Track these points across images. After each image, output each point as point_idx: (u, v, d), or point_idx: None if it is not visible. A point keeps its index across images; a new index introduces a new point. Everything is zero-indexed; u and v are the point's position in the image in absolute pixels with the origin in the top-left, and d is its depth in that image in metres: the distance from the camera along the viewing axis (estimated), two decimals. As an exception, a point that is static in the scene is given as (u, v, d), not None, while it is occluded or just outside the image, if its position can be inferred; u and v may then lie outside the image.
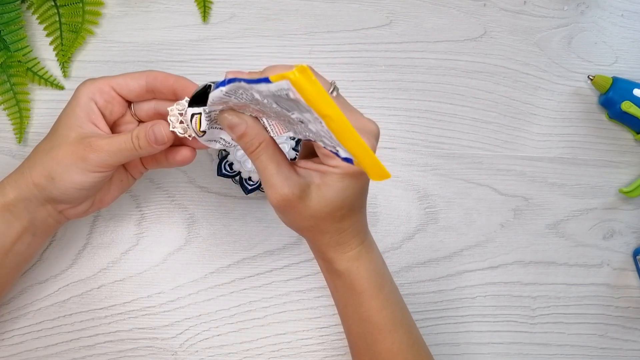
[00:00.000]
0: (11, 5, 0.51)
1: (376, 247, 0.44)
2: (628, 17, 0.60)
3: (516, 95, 0.58)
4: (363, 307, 0.43)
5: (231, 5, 0.55)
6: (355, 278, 0.42)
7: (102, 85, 0.43)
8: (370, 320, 0.43)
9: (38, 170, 0.41)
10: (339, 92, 0.40)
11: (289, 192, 0.37)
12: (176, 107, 0.41)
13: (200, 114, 0.39)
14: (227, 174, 0.50)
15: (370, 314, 0.43)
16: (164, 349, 0.51)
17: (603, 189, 0.58)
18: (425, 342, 0.46)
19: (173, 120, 0.41)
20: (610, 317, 0.56)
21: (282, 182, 0.37)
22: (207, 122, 0.39)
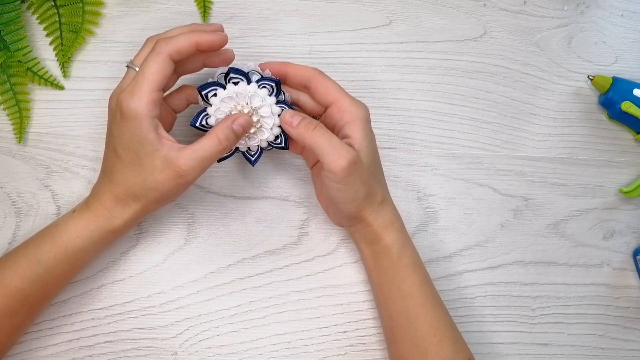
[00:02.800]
0: (11, 5, 0.51)
1: None
2: (628, 17, 0.60)
3: (516, 95, 0.58)
4: (407, 281, 0.46)
5: (231, 5, 0.55)
6: (401, 252, 0.46)
7: (152, 96, 0.42)
8: (413, 295, 0.46)
9: (144, 200, 0.44)
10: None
11: (354, 154, 0.43)
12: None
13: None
14: (225, 155, 0.47)
15: (413, 289, 0.46)
16: (164, 349, 0.51)
17: (603, 189, 0.58)
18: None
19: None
20: (610, 317, 0.56)
21: (346, 147, 0.43)
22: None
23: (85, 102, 0.53)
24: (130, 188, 0.44)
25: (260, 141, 0.48)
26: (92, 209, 0.45)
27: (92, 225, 0.44)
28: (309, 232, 0.54)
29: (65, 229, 0.44)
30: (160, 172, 0.43)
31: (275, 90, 0.47)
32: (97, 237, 0.44)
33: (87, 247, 0.44)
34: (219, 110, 0.46)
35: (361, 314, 0.53)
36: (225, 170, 0.54)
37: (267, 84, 0.46)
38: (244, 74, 0.46)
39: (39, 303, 0.45)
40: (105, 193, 0.45)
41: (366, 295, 0.53)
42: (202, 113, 0.47)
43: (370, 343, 0.53)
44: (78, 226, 0.44)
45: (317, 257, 0.54)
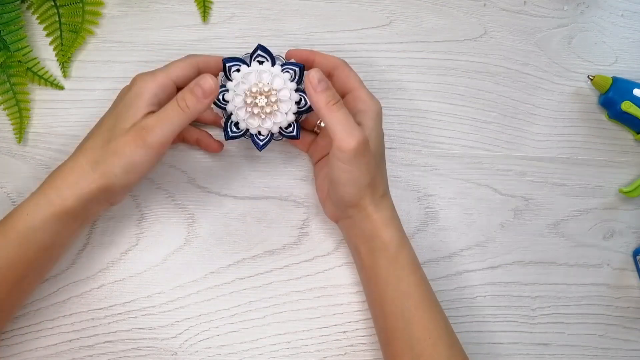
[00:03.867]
0: (11, 5, 0.51)
1: None
2: (628, 17, 0.60)
3: (516, 95, 0.58)
4: (404, 281, 0.45)
5: (231, 5, 0.55)
6: (399, 250, 0.46)
7: (166, 81, 0.44)
8: (410, 296, 0.45)
9: (103, 169, 0.42)
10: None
11: (365, 136, 0.43)
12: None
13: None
14: (235, 134, 0.48)
15: (410, 289, 0.45)
16: (164, 349, 0.51)
17: (603, 189, 0.58)
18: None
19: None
20: (610, 317, 0.56)
21: (359, 129, 0.43)
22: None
23: (85, 102, 0.53)
24: (93, 152, 0.43)
25: (273, 125, 0.47)
26: (45, 184, 0.43)
27: (42, 200, 0.42)
28: (309, 232, 0.54)
29: (18, 209, 0.42)
30: (124, 134, 0.42)
31: (297, 77, 0.47)
32: (46, 213, 0.42)
33: (38, 226, 0.41)
34: (238, 86, 0.46)
35: (361, 314, 0.53)
36: (226, 170, 0.54)
37: (291, 69, 0.47)
38: (270, 55, 0.47)
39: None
40: (64, 166, 0.43)
41: (366, 295, 0.53)
42: (221, 88, 0.46)
43: (370, 343, 0.53)
44: (29, 204, 0.42)
45: (317, 257, 0.54)
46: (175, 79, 0.45)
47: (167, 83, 0.44)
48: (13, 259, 0.42)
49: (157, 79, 0.44)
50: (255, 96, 0.46)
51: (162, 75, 0.44)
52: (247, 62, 0.47)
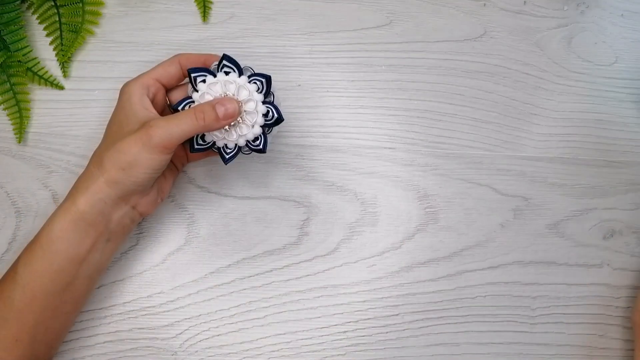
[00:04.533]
0: (11, 6, 0.51)
1: None
2: (628, 17, 0.60)
3: (516, 95, 0.58)
4: None
5: (231, 6, 0.55)
6: None
7: (147, 80, 0.45)
8: None
9: (107, 167, 0.42)
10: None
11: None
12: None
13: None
14: (201, 146, 0.47)
15: None
16: (164, 349, 0.51)
17: (603, 188, 0.58)
18: None
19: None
20: (610, 317, 0.56)
21: None
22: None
23: (85, 102, 0.53)
24: (100, 156, 0.43)
25: (238, 137, 0.45)
26: (64, 205, 0.44)
27: (59, 211, 0.43)
28: (309, 232, 0.54)
29: (42, 226, 0.43)
30: (131, 134, 0.42)
31: (264, 88, 0.45)
32: (63, 222, 0.42)
33: (57, 235, 0.42)
34: (203, 96, 0.45)
35: (361, 314, 0.53)
36: (225, 170, 0.54)
37: (258, 80, 0.45)
38: (237, 65, 0.45)
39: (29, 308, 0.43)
40: (78, 178, 0.44)
41: (366, 295, 0.53)
42: (188, 99, 0.46)
43: (370, 343, 0.53)
44: (50, 218, 0.43)
45: (317, 257, 0.54)
46: (158, 77, 0.46)
47: (148, 82, 0.45)
48: (41, 273, 0.42)
49: (138, 81, 0.45)
50: None
51: (144, 77, 0.45)
52: (214, 73, 0.45)
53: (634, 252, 0.57)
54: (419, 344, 0.54)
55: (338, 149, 0.55)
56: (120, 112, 0.45)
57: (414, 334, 0.54)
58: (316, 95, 0.49)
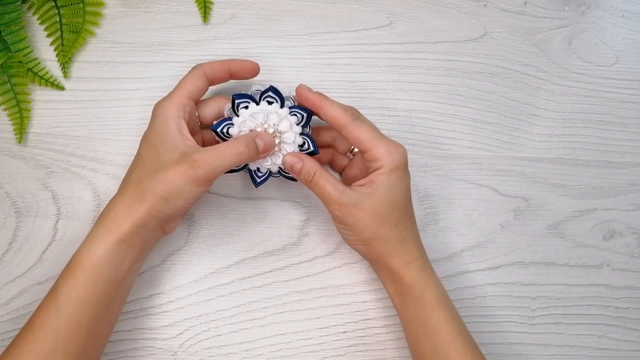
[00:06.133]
0: (12, 6, 0.51)
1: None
2: (628, 17, 0.60)
3: (516, 95, 0.58)
4: (432, 318, 0.45)
5: (231, 6, 0.55)
6: (424, 288, 0.45)
7: (181, 100, 0.46)
8: (440, 332, 0.45)
9: (150, 196, 0.43)
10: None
11: (347, 201, 0.44)
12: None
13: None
14: (234, 168, 0.47)
15: (439, 325, 0.45)
16: (164, 349, 0.51)
17: (603, 189, 0.58)
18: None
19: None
20: (610, 317, 0.56)
21: (339, 195, 0.44)
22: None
23: (86, 103, 0.53)
24: (140, 183, 0.43)
25: (272, 165, 0.47)
26: (101, 217, 0.44)
27: (100, 232, 0.43)
28: (309, 232, 0.54)
29: (80, 249, 0.43)
30: (174, 165, 0.42)
31: (304, 121, 0.47)
32: (107, 244, 0.42)
33: (102, 258, 0.42)
34: (244, 123, 0.46)
35: (361, 314, 0.53)
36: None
37: (298, 113, 0.47)
38: (280, 97, 0.47)
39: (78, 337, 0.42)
40: (115, 199, 0.44)
41: (366, 296, 0.53)
42: (227, 121, 0.47)
43: (370, 343, 0.53)
44: (89, 239, 0.43)
45: (317, 257, 0.54)
46: (189, 94, 0.46)
47: (183, 101, 0.45)
48: (86, 299, 0.42)
49: (173, 101, 0.45)
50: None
51: (177, 96, 0.45)
52: (256, 100, 0.47)
53: (634, 252, 0.57)
54: (418, 345, 0.53)
55: (338, 150, 0.55)
56: (156, 135, 0.44)
57: (413, 335, 0.54)
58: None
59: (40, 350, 0.41)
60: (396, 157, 0.45)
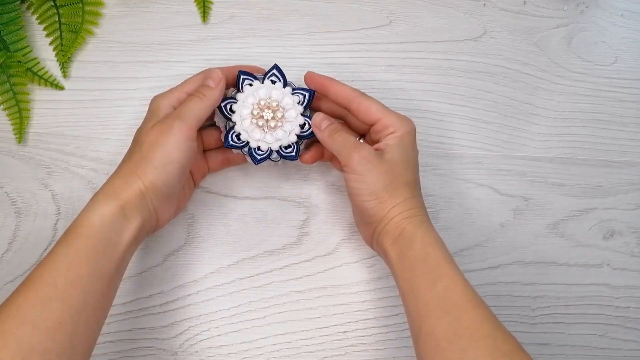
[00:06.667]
0: (11, 6, 0.51)
1: None
2: (628, 17, 0.60)
3: (516, 95, 0.58)
4: (431, 255, 0.43)
5: (231, 6, 0.55)
6: (425, 233, 0.44)
7: (179, 94, 0.46)
8: (439, 266, 0.43)
9: (143, 166, 0.43)
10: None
11: (368, 150, 0.45)
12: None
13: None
14: (235, 144, 0.48)
15: (438, 261, 0.43)
16: (164, 349, 0.51)
17: (603, 188, 0.58)
18: None
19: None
20: (610, 317, 0.56)
21: (362, 145, 0.45)
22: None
23: (85, 103, 0.53)
24: (131, 159, 0.44)
25: (274, 141, 0.47)
26: (98, 191, 0.43)
27: (99, 198, 0.42)
28: (308, 232, 0.54)
29: (78, 215, 0.41)
30: (151, 130, 0.44)
31: (306, 102, 0.48)
32: (105, 207, 0.41)
33: (101, 219, 0.41)
34: (247, 98, 0.47)
35: (361, 314, 0.53)
36: (226, 171, 0.54)
37: (301, 94, 0.48)
38: (284, 77, 0.48)
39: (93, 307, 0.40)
40: (110, 177, 0.44)
41: (366, 295, 0.53)
42: (230, 99, 0.48)
43: (370, 343, 0.53)
44: (88, 204, 0.42)
45: (317, 257, 0.54)
46: (190, 91, 0.46)
47: (181, 96, 0.46)
48: (85, 252, 0.40)
49: (172, 94, 0.46)
50: (263, 109, 0.47)
51: (176, 90, 0.46)
52: (260, 80, 0.48)
53: (634, 252, 0.57)
54: (419, 344, 0.53)
55: (338, 149, 0.55)
56: (143, 122, 0.46)
57: (414, 334, 0.54)
58: (316, 95, 0.49)
59: (35, 296, 0.38)
60: (407, 125, 0.46)
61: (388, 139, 0.46)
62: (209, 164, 0.51)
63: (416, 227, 0.44)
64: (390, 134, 0.46)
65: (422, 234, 0.44)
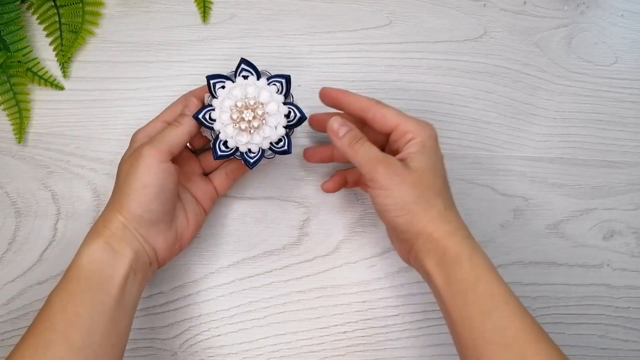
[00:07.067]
0: (11, 6, 0.51)
1: None
2: (628, 17, 0.60)
3: (516, 95, 0.58)
4: (482, 282, 0.40)
5: (231, 6, 0.55)
6: (472, 254, 0.41)
7: (157, 124, 0.46)
8: (492, 294, 0.40)
9: (116, 199, 0.43)
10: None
11: (393, 161, 0.42)
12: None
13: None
14: (224, 153, 0.45)
15: (490, 287, 0.40)
16: (164, 349, 0.51)
17: (603, 189, 0.58)
18: None
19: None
20: (610, 317, 0.56)
21: (384, 156, 0.43)
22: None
23: (85, 103, 0.53)
24: (112, 197, 0.44)
25: (262, 140, 0.45)
26: (88, 235, 0.43)
27: (87, 238, 0.42)
28: (309, 232, 0.54)
29: (73, 261, 0.41)
30: (130, 156, 0.43)
31: (284, 89, 0.45)
32: (92, 245, 0.41)
33: (89, 259, 0.41)
34: (224, 102, 0.44)
35: (361, 314, 0.53)
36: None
37: (277, 82, 0.45)
38: (255, 69, 0.45)
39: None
40: (95, 221, 0.44)
41: (366, 296, 0.53)
42: (207, 107, 0.45)
43: (370, 343, 0.53)
44: (80, 247, 0.42)
45: (317, 257, 0.54)
46: (168, 119, 0.46)
47: (158, 125, 0.46)
48: (79, 291, 0.40)
49: (149, 126, 0.46)
50: (242, 111, 0.44)
51: (153, 121, 0.46)
52: (232, 79, 0.45)
53: (634, 252, 0.57)
54: (418, 344, 0.54)
55: (338, 149, 0.55)
56: (124, 156, 0.45)
57: (414, 334, 0.54)
58: (316, 95, 0.48)
59: (36, 343, 0.38)
60: (428, 129, 0.44)
61: (409, 146, 0.44)
62: (216, 186, 0.50)
63: (461, 246, 0.41)
64: (410, 140, 0.44)
65: (469, 254, 0.41)
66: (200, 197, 0.49)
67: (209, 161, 0.50)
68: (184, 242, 0.47)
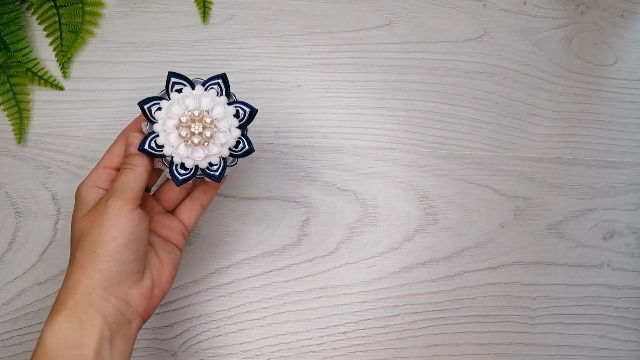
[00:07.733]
0: (11, 6, 0.51)
1: None
2: (628, 17, 0.60)
3: (516, 95, 0.58)
4: None
5: (231, 6, 0.55)
6: None
7: (97, 172, 0.43)
8: None
9: (78, 260, 0.39)
10: None
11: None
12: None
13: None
14: (152, 151, 0.41)
15: None
16: (164, 350, 0.51)
17: (603, 189, 0.58)
18: None
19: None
20: (610, 317, 0.56)
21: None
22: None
23: (85, 103, 0.53)
24: (69, 262, 0.41)
25: (220, 149, 0.41)
26: (52, 310, 0.39)
27: (46, 323, 0.39)
28: (308, 232, 0.54)
29: (39, 340, 0.38)
30: (86, 218, 0.41)
31: (223, 89, 0.42)
32: (54, 325, 0.38)
33: (55, 337, 0.38)
34: (166, 124, 0.40)
35: (361, 314, 0.53)
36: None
37: (214, 84, 0.41)
38: (186, 79, 0.41)
39: None
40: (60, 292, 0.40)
41: (366, 296, 0.53)
42: (150, 135, 0.41)
43: (370, 343, 0.53)
44: (50, 328, 0.38)
45: (317, 257, 0.54)
46: (107, 164, 0.43)
47: (100, 172, 0.43)
48: None
49: (90, 176, 0.43)
50: (189, 125, 0.40)
51: (95, 170, 0.43)
52: (166, 97, 0.41)
53: (634, 252, 0.57)
54: (418, 344, 0.54)
55: (338, 150, 0.55)
56: (76, 214, 0.42)
57: (414, 335, 0.54)
58: (316, 95, 0.49)
59: None
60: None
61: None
62: (183, 220, 0.46)
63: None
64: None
65: None
66: (167, 235, 0.45)
67: (168, 197, 0.47)
68: (164, 286, 0.43)
